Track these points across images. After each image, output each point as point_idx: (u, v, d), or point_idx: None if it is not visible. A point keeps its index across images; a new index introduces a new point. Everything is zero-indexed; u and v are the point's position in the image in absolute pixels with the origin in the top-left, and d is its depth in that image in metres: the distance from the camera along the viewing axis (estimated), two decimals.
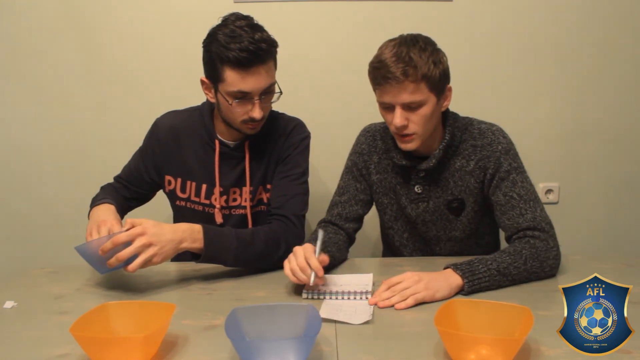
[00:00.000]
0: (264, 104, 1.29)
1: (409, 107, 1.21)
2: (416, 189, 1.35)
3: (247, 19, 1.25)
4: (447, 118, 1.33)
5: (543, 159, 1.96)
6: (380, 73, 1.20)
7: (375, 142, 1.41)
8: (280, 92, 1.32)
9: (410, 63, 1.17)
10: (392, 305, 1.07)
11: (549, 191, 2.01)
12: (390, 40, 1.24)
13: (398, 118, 1.21)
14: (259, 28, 1.25)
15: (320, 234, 1.19)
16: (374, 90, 1.27)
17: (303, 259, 1.11)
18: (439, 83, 1.22)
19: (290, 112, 1.47)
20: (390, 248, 1.50)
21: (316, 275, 1.10)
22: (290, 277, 1.12)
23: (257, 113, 1.27)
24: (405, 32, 1.26)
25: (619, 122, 1.96)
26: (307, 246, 1.16)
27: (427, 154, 1.32)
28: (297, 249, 1.15)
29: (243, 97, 1.26)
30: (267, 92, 1.29)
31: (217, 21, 1.27)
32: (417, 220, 1.38)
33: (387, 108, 1.24)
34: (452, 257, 1.37)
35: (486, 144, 1.30)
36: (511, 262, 1.16)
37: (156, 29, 1.85)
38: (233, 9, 1.30)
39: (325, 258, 1.16)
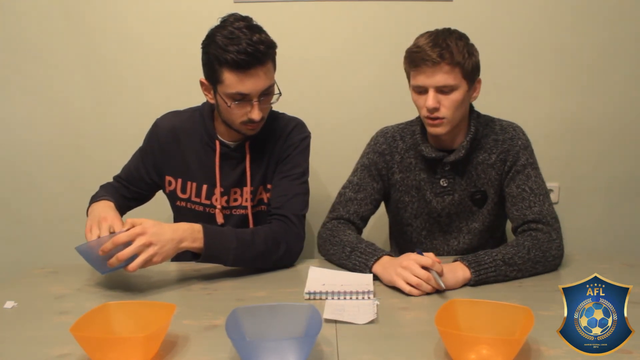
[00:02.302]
0: (263, 106, 1.29)
1: (442, 91, 1.25)
2: (442, 183, 1.39)
3: (246, 20, 1.25)
4: (472, 112, 1.38)
5: (543, 158, 1.93)
6: (417, 56, 1.24)
7: (396, 143, 1.43)
8: (280, 94, 1.32)
9: (447, 48, 1.22)
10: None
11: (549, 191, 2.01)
12: (427, 32, 1.29)
13: (431, 100, 1.25)
14: (257, 29, 1.24)
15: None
16: (409, 74, 1.30)
17: (420, 268, 1.12)
18: (471, 72, 1.28)
19: (290, 112, 1.47)
20: (405, 245, 1.52)
21: (439, 275, 1.11)
22: (414, 292, 1.11)
23: (256, 115, 1.27)
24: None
25: (619, 122, 1.96)
26: (411, 255, 1.16)
27: (452, 147, 1.36)
28: (407, 263, 1.14)
29: (242, 99, 1.26)
30: (266, 94, 1.29)
31: (216, 22, 1.26)
32: (442, 213, 1.42)
33: (420, 92, 1.28)
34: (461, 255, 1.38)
35: (507, 138, 1.36)
36: (515, 253, 1.20)
37: (156, 29, 1.85)
38: (233, 9, 1.30)
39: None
